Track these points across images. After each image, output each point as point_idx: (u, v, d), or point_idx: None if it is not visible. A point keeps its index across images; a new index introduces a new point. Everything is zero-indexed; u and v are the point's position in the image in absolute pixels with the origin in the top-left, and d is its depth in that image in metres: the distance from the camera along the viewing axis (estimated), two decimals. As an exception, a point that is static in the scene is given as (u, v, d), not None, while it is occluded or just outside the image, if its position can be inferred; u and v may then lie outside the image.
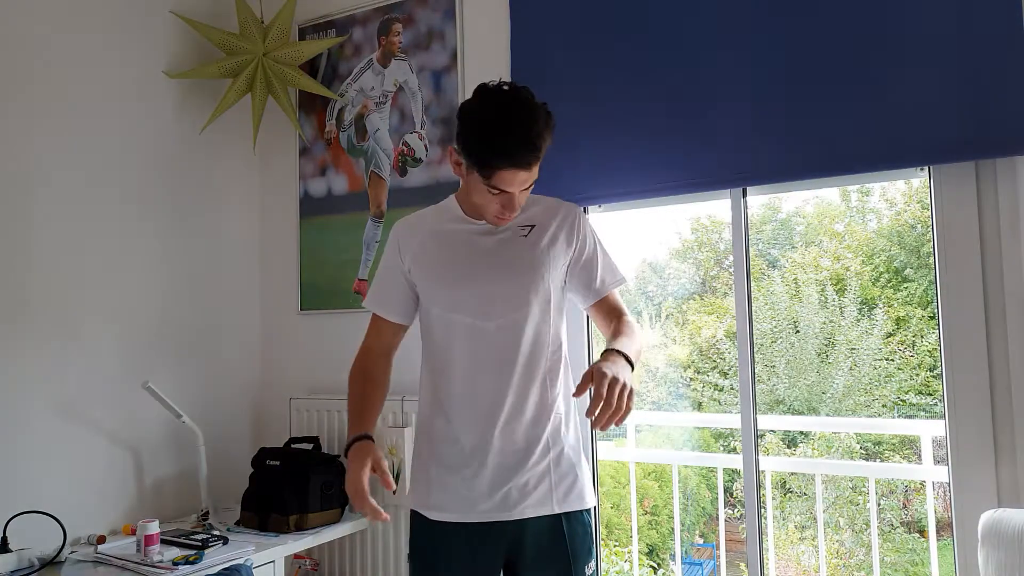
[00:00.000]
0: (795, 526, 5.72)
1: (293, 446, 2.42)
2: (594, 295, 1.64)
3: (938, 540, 3.25)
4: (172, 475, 2.49)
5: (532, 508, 1.52)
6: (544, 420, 1.55)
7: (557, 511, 1.54)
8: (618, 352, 1.41)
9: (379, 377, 1.63)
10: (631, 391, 1.31)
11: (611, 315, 1.62)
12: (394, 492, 1.61)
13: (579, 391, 1.30)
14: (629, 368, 1.40)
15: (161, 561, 1.93)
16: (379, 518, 1.42)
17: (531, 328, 1.54)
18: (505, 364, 1.53)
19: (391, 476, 1.43)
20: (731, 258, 2.14)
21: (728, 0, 2.05)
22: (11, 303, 2.10)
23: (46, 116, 2.19)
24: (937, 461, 3.12)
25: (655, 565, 5.38)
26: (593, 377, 1.29)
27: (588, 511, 1.60)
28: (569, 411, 1.61)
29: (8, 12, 2.12)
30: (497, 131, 1.39)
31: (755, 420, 2.12)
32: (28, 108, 2.15)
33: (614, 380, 1.28)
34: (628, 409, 1.29)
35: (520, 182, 1.43)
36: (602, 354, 1.42)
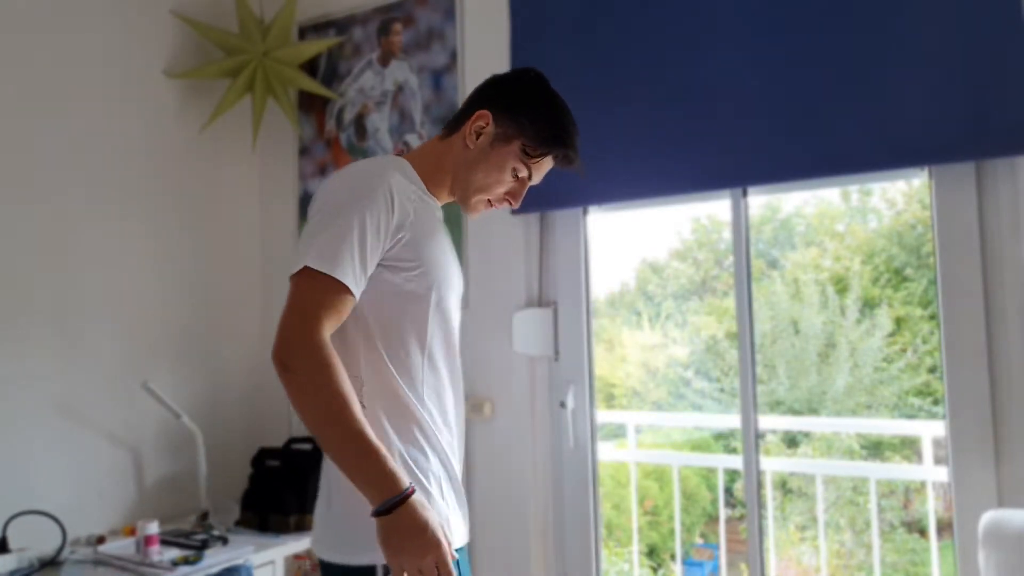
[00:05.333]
0: (796, 527, 5.72)
1: (293, 446, 2.42)
2: None
3: (939, 541, 3.25)
4: (172, 475, 2.48)
5: None
6: None
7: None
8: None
9: None
10: None
11: None
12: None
13: None
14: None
15: (161, 562, 1.93)
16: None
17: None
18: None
19: None
20: (731, 258, 2.13)
21: (728, 2, 2.05)
22: (11, 303, 2.09)
23: (46, 116, 2.19)
24: (938, 461, 3.11)
25: (655, 566, 5.38)
26: None
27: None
28: None
29: (8, 12, 2.12)
30: (570, 120, 1.37)
31: (755, 420, 2.11)
32: (28, 108, 2.15)
33: None
34: None
35: (544, 175, 1.40)
36: None
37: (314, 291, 1.17)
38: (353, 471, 1.14)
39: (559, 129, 1.34)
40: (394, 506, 1.10)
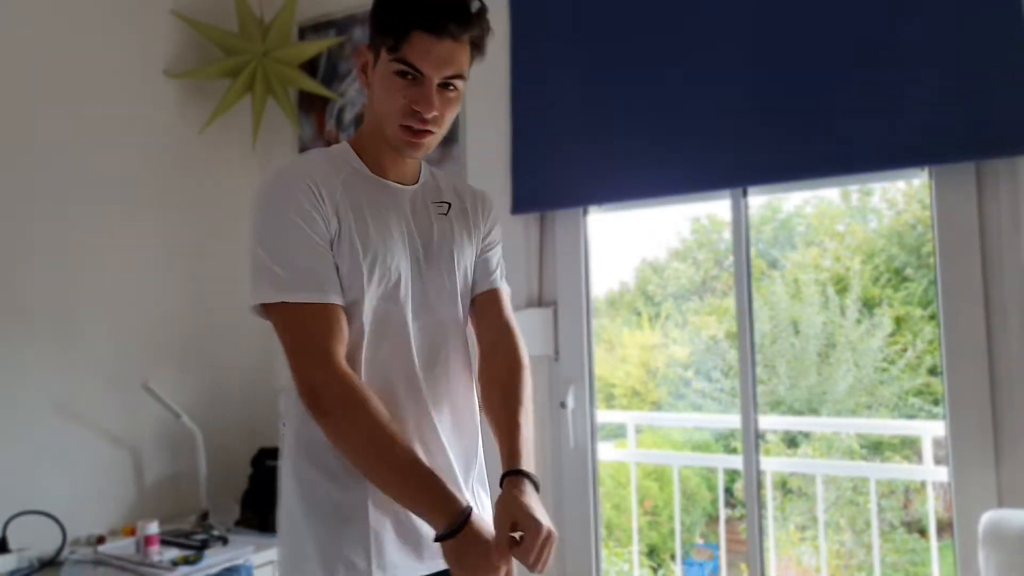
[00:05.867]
0: (796, 527, 5.71)
1: (293, 446, 2.42)
2: (487, 283, 1.35)
3: (939, 541, 3.25)
4: (172, 475, 2.48)
5: None
6: (475, 437, 1.30)
7: None
8: (530, 480, 1.14)
9: (380, 404, 1.12)
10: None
11: (497, 325, 1.33)
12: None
13: (510, 544, 1.05)
14: None
15: (161, 562, 1.93)
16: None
17: (460, 327, 1.30)
18: (438, 371, 1.24)
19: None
20: (731, 258, 2.13)
21: (728, 0, 2.05)
22: (11, 303, 2.09)
23: (46, 116, 2.19)
24: (938, 461, 3.11)
25: (655, 566, 5.38)
26: (534, 534, 1.05)
27: None
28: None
29: (8, 12, 2.12)
30: None
31: (755, 420, 2.11)
32: (28, 108, 2.15)
33: (551, 537, 1.06)
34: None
35: (439, 61, 1.12)
36: (511, 481, 1.13)
37: (298, 323, 1.11)
38: (409, 504, 1.11)
39: (401, 3, 1.13)
40: (458, 529, 1.05)
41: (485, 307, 1.34)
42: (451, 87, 1.16)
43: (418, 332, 1.22)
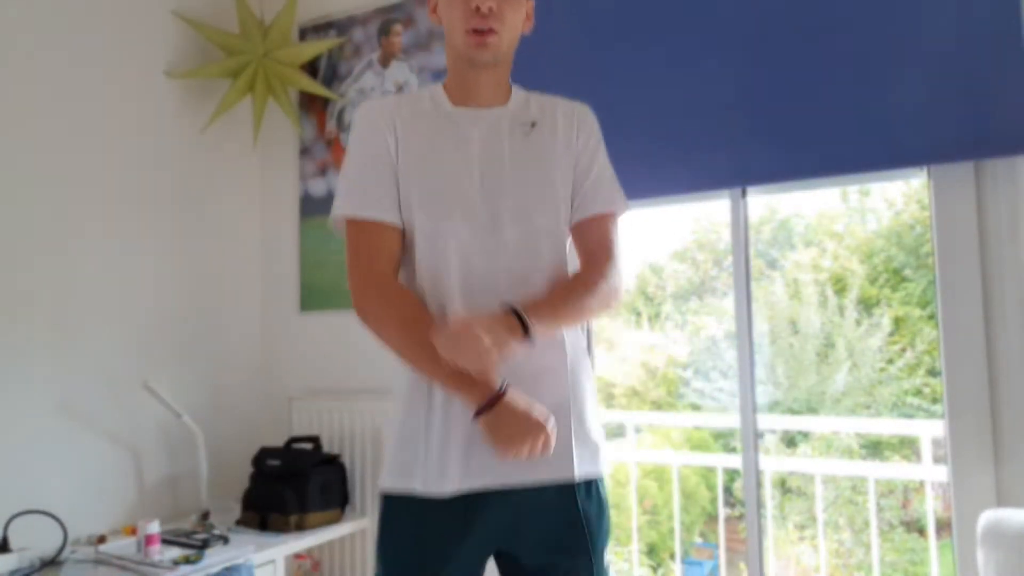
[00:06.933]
0: (795, 526, 5.72)
1: (293, 446, 2.43)
2: (578, 211, 1.30)
3: (938, 540, 3.25)
4: (172, 475, 2.49)
5: (547, 471, 1.22)
6: (563, 363, 1.26)
7: (578, 478, 1.24)
8: (514, 315, 1.15)
9: (416, 300, 1.22)
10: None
11: (587, 251, 1.31)
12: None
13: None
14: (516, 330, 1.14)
15: (162, 561, 1.93)
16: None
17: (548, 244, 1.27)
18: (519, 286, 1.23)
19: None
20: (730, 259, 2.14)
21: (728, 1, 2.06)
22: (11, 302, 2.09)
23: (46, 116, 2.19)
24: (937, 461, 3.12)
25: (655, 565, 5.38)
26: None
27: (602, 481, 1.32)
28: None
29: (9, 12, 2.12)
30: None
31: (755, 420, 2.12)
32: (29, 108, 2.15)
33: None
34: None
35: None
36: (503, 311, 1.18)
37: (351, 236, 1.26)
38: (446, 382, 1.19)
39: None
40: (492, 404, 1.15)
41: (579, 237, 1.33)
42: None
43: (483, 250, 1.23)
